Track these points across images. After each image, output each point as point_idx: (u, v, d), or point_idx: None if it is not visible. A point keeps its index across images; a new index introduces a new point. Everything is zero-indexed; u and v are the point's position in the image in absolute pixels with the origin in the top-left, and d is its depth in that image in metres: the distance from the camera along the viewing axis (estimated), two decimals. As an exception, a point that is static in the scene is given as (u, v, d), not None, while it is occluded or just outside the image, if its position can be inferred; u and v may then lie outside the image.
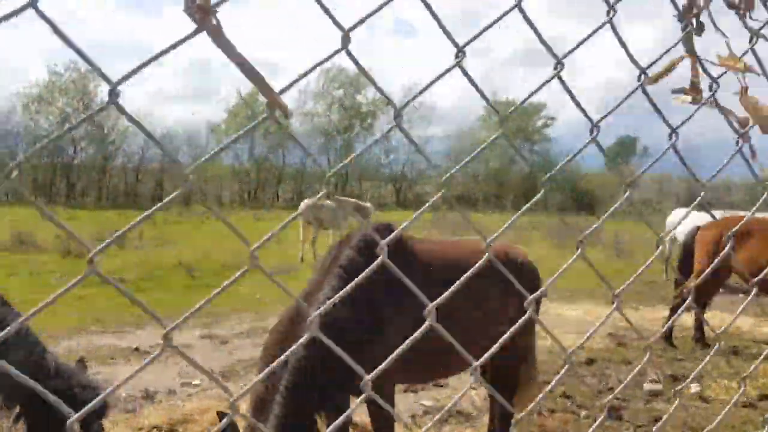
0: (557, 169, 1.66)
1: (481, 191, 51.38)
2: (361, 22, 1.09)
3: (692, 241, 8.85)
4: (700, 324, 8.64)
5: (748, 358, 7.95)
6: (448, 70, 1.24)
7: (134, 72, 0.91)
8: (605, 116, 1.48)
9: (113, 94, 0.88)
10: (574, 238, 1.87)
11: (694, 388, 6.81)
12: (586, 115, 1.48)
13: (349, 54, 1.10)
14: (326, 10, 1.05)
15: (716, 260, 2.32)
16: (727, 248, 1.95)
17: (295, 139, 1.21)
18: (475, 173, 51.60)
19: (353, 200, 19.34)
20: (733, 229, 2.17)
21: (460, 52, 1.23)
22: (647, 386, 6.92)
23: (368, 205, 19.14)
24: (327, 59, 1.09)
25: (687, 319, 9.54)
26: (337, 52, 1.09)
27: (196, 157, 44.04)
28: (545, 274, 9.03)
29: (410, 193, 51.76)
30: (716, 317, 9.64)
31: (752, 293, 1.97)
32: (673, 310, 8.43)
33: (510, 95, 53.30)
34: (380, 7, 1.14)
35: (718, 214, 9.87)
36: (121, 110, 0.92)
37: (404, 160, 51.84)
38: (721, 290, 9.60)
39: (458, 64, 1.25)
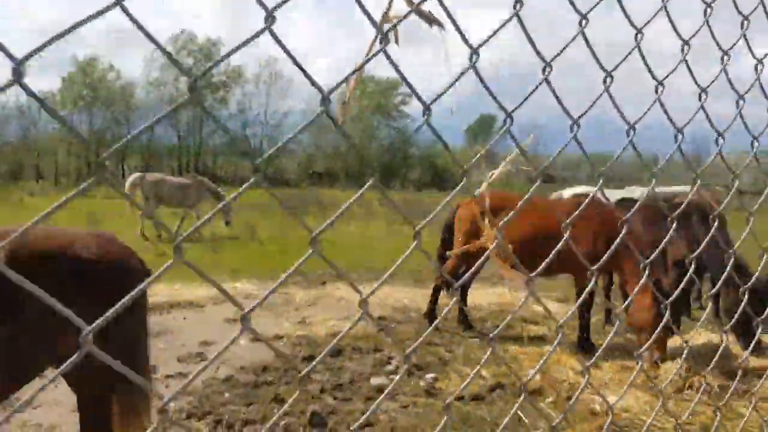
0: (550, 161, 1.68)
1: (343, 167, 46.31)
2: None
3: (453, 219, 8.04)
4: (463, 306, 8.01)
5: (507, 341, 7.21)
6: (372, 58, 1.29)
7: (42, 48, 0.84)
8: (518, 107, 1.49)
9: (17, 72, 0.81)
10: (417, 216, 2.02)
11: (429, 378, 6.02)
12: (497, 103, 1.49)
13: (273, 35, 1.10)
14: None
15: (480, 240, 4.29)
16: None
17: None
18: (336, 149, 46.40)
19: (214, 186, 17.97)
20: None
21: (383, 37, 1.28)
22: (375, 381, 5.90)
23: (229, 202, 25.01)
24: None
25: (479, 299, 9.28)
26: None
27: (25, 129, 45.87)
28: (379, 254, 13.26)
29: (270, 169, 43.75)
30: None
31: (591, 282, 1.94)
32: (435, 291, 7.98)
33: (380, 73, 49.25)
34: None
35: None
36: (28, 90, 0.85)
37: (261, 134, 48.12)
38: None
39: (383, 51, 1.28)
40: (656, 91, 1.95)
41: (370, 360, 6.56)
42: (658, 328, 3.01)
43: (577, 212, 1.94)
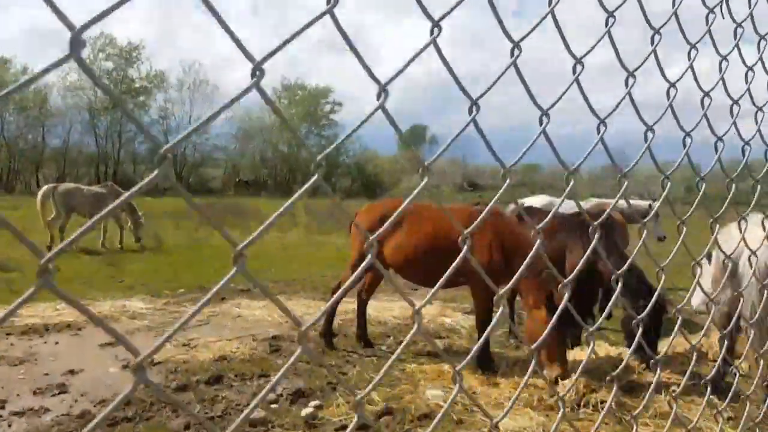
0: (438, 155, 1.50)
1: (270, 176, 46.54)
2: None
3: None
4: (362, 322, 7.45)
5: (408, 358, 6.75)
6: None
7: (101, 17, 0.81)
8: (484, 93, 1.44)
9: (76, 42, 0.74)
10: (338, 222, 7.52)
11: (312, 406, 5.46)
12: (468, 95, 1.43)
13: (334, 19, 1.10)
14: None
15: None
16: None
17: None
18: (264, 157, 46.54)
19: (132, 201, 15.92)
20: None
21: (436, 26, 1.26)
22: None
23: (141, 213, 17.17)
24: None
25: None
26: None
27: None
28: (300, 264, 14.04)
29: (193, 177, 45.25)
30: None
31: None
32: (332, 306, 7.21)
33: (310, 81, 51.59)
34: None
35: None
36: (82, 65, 0.82)
37: (186, 143, 42.28)
38: None
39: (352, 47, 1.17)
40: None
41: (253, 387, 6.00)
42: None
43: (477, 221, 1.73)
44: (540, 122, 1.63)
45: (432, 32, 1.32)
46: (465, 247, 1.68)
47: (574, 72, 1.64)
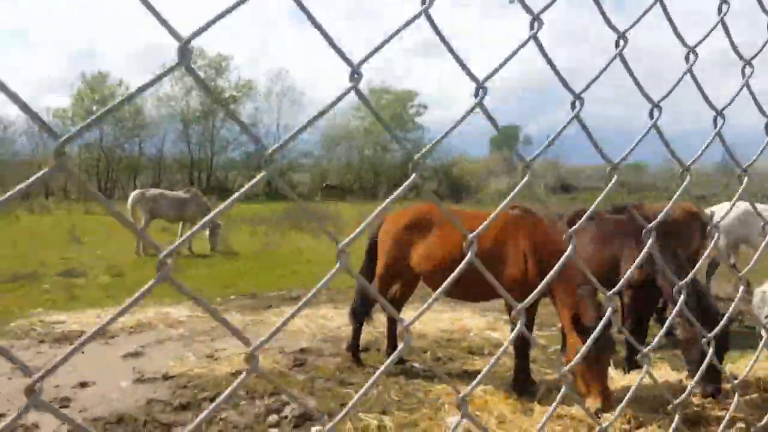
0: (541, 151, 1.43)
1: (356, 180, 46.41)
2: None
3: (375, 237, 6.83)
4: (391, 333, 6.86)
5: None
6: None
7: (207, 27, 0.80)
8: (588, 85, 1.38)
9: (185, 50, 0.75)
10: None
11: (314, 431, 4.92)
12: (568, 87, 1.37)
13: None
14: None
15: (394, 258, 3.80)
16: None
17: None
18: (349, 162, 46.78)
19: (206, 202, 17.55)
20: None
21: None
22: None
23: (220, 223, 17.11)
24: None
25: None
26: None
27: (33, 149, 46.19)
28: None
29: (282, 182, 50.38)
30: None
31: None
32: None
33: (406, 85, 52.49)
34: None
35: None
36: (193, 72, 0.84)
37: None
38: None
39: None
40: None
41: (258, 408, 5.50)
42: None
43: (484, 224, 1.48)
44: (651, 115, 1.51)
45: (532, 26, 1.26)
46: (470, 253, 1.44)
47: (687, 61, 1.55)
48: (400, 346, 1.23)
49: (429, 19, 1.07)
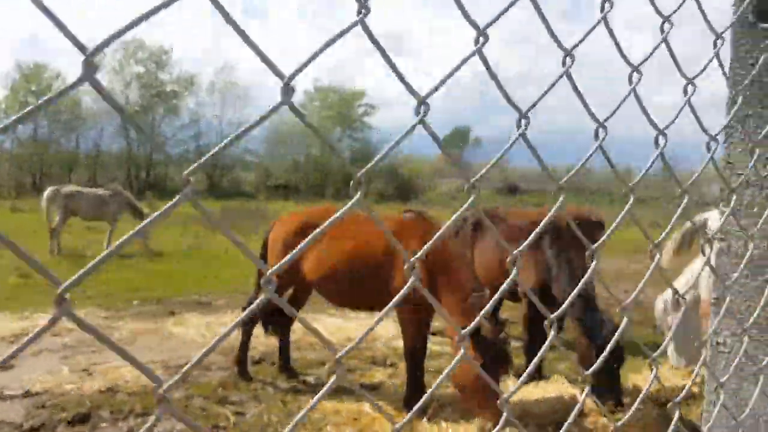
0: (485, 171, 1.33)
1: (302, 180, 45.34)
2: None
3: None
4: (284, 347, 6.50)
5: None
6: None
7: (112, 39, 0.73)
8: (534, 104, 1.33)
9: (89, 65, 0.70)
10: None
11: None
12: (510, 103, 1.31)
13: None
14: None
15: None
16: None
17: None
18: (296, 161, 45.62)
19: (132, 197, 17.10)
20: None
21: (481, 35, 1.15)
22: None
23: (148, 211, 16.72)
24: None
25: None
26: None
27: None
28: None
29: (225, 181, 44.98)
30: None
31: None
32: (245, 328, 6.35)
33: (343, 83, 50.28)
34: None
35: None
36: (98, 86, 0.73)
37: (214, 145, 48.89)
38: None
39: None
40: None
41: (123, 429, 5.01)
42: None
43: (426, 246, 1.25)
44: (596, 135, 1.49)
45: (477, 41, 1.21)
46: (412, 278, 1.23)
47: (630, 82, 1.54)
48: (332, 379, 1.06)
49: (366, 29, 1.03)
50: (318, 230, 0.99)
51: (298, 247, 0.97)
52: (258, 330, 6.51)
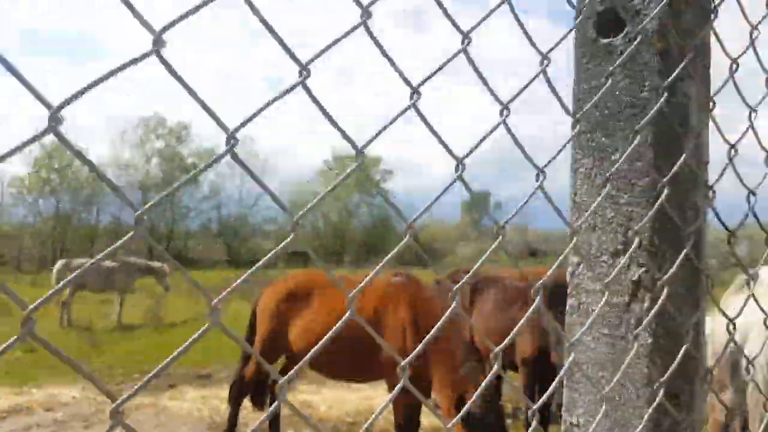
0: (513, 216, 1.30)
1: (321, 246, 44.74)
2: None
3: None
4: (274, 423, 6.13)
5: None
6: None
7: (80, 94, 0.73)
8: (550, 161, 1.26)
9: (54, 119, 0.71)
10: None
11: None
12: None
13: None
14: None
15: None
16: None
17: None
18: (315, 228, 45.57)
19: (143, 261, 17.62)
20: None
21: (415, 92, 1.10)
22: None
23: (160, 264, 17.49)
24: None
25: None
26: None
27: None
28: None
29: (243, 249, 44.58)
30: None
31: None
32: (234, 401, 6.04)
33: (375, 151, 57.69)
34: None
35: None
36: (62, 138, 0.73)
37: (234, 215, 45.75)
38: None
39: None
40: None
41: None
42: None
43: (362, 284, 1.02)
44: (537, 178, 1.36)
45: (501, 113, 1.24)
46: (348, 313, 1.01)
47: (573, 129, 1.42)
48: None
49: (307, 91, 0.95)
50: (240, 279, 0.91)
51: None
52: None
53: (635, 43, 1.36)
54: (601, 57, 1.43)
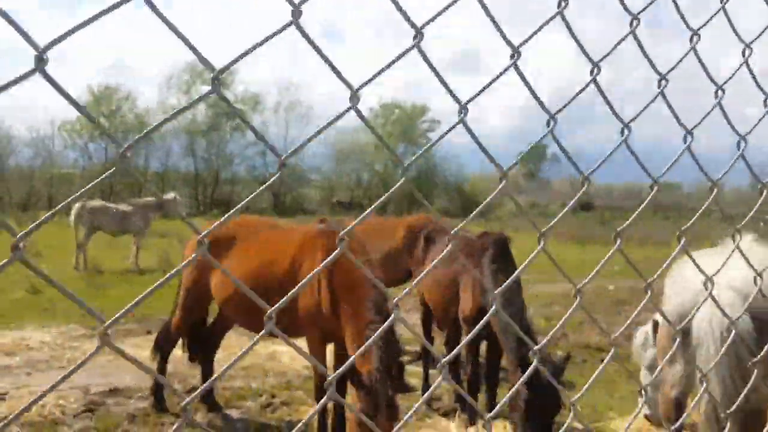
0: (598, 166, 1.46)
1: (366, 197, 44.72)
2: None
3: None
4: (206, 376, 5.77)
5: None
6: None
7: (65, 36, 0.81)
8: (562, 108, 1.51)
9: (41, 60, 0.74)
10: None
11: None
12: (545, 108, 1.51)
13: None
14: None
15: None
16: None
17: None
18: (360, 177, 45.89)
19: (150, 199, 17.03)
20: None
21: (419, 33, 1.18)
22: None
23: (170, 195, 17.32)
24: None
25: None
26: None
27: (43, 160, 45.69)
28: None
29: (288, 198, 44.88)
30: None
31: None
32: (161, 353, 5.81)
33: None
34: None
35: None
36: (50, 80, 0.80)
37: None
38: None
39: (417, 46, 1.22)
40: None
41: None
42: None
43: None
44: (684, 140, 1.76)
45: (592, 72, 1.54)
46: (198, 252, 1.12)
47: (659, 86, 1.74)
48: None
49: (422, 54, 1.14)
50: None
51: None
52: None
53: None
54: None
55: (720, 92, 1.85)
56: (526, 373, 1.84)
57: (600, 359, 7.39)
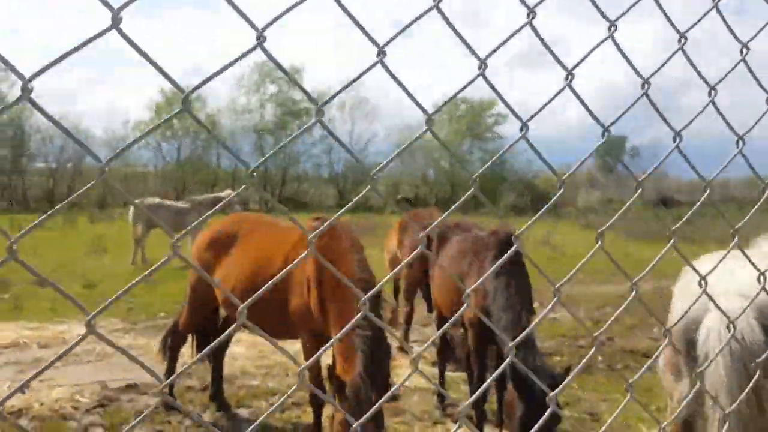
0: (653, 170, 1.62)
1: (432, 194, 45.07)
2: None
3: None
4: (216, 375, 5.72)
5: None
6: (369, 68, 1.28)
7: (47, 68, 0.88)
8: (615, 121, 1.68)
9: (26, 90, 0.83)
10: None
11: None
12: (596, 120, 1.68)
13: (264, 50, 1.14)
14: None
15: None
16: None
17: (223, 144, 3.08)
18: (425, 174, 46.28)
19: (210, 195, 17.70)
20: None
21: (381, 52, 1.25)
22: None
23: (225, 192, 17.98)
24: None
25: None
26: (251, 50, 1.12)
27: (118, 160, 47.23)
28: None
29: (353, 194, 44.12)
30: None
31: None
32: (171, 350, 5.75)
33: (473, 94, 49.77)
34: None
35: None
36: (35, 106, 0.88)
37: (346, 160, 45.95)
38: None
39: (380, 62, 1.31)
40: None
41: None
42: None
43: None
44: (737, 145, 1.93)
45: (567, 78, 1.69)
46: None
47: (709, 96, 1.96)
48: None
49: (534, 30, 1.28)
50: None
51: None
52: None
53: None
54: None
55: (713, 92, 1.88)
56: (498, 369, 1.77)
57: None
